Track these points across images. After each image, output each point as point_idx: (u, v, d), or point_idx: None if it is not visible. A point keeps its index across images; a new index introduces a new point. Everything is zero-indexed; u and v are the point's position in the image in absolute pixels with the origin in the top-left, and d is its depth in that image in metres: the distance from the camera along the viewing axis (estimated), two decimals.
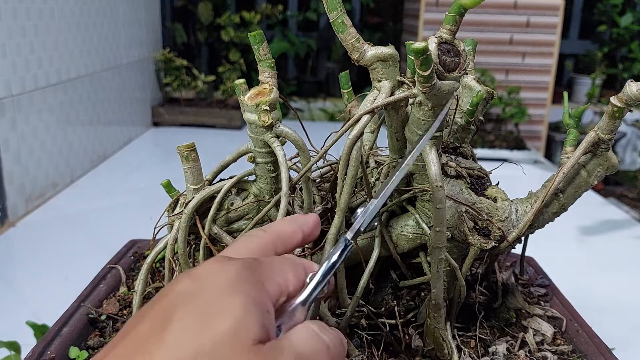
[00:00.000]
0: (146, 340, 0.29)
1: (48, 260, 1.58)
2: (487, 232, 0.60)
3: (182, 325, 0.29)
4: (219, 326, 0.29)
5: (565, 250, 1.80)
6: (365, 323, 0.64)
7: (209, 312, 0.30)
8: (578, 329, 0.69)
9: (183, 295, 0.31)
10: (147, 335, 0.29)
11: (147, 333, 0.30)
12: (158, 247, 0.64)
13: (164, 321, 0.30)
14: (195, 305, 0.30)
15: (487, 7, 2.98)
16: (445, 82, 0.50)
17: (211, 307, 0.30)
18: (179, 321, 0.30)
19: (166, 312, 0.30)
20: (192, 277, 0.32)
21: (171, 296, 0.32)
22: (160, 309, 0.31)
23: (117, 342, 0.30)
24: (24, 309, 1.33)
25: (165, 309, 0.31)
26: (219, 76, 3.40)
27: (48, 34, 2.04)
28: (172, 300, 0.31)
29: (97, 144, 2.49)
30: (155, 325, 0.30)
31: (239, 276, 0.32)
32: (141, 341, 0.29)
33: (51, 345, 0.63)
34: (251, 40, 0.57)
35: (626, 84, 0.55)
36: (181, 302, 0.31)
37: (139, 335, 0.30)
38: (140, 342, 0.29)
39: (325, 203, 0.68)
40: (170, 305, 0.31)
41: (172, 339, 0.29)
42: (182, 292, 0.32)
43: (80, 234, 1.76)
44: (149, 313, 0.31)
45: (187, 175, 0.62)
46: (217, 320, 0.30)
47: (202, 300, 0.31)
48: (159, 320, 0.30)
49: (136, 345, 0.29)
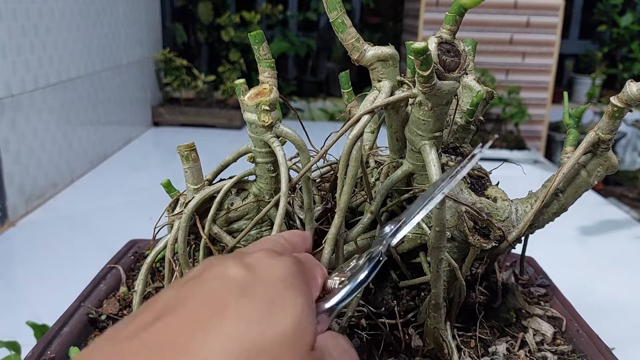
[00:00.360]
0: (196, 326, 0.26)
1: (48, 260, 1.58)
2: (487, 232, 0.60)
3: (239, 316, 0.27)
4: (280, 324, 0.27)
5: (565, 250, 1.80)
6: (365, 323, 0.64)
7: (269, 307, 0.28)
8: (578, 329, 0.69)
9: (238, 284, 0.29)
10: (196, 321, 0.26)
11: (196, 318, 0.27)
12: (158, 247, 0.64)
13: (218, 309, 0.27)
14: (255, 297, 0.28)
15: (487, 7, 2.98)
16: (445, 82, 0.50)
17: (272, 302, 0.28)
18: (236, 312, 0.27)
19: (218, 298, 0.28)
20: (245, 265, 0.30)
21: (220, 282, 0.29)
22: (208, 294, 0.28)
23: (151, 322, 0.27)
24: (24, 309, 1.33)
25: (216, 295, 0.28)
26: (219, 76, 3.40)
27: (48, 34, 2.04)
28: (223, 286, 0.28)
29: (97, 144, 2.49)
30: (206, 312, 0.27)
31: (294, 273, 0.31)
32: (188, 327, 0.26)
33: (51, 345, 0.63)
34: (251, 40, 0.57)
35: (626, 84, 0.55)
36: (237, 291, 0.28)
37: (183, 320, 0.27)
38: (187, 328, 0.26)
39: (325, 203, 0.68)
40: (223, 291, 0.28)
41: (228, 330, 0.26)
42: (236, 279, 0.29)
43: (80, 234, 1.76)
44: (192, 295, 0.28)
45: (187, 175, 0.62)
46: (278, 318, 0.27)
47: (261, 293, 0.28)
48: (209, 307, 0.27)
49: (181, 331, 0.26)
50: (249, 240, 0.65)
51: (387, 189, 0.60)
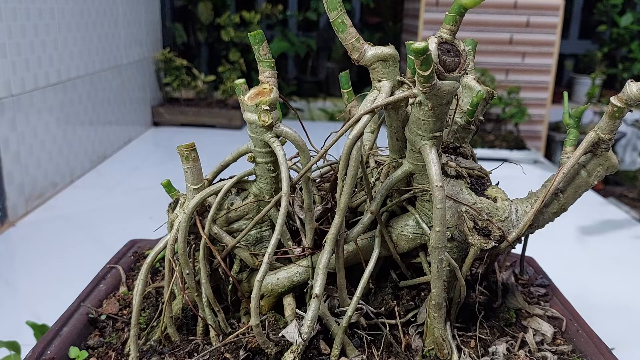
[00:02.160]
0: None
1: (48, 260, 1.58)
2: (487, 232, 0.60)
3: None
4: None
5: (565, 250, 1.80)
6: (365, 323, 0.64)
7: None
8: (578, 329, 0.69)
9: None
10: None
11: None
12: (158, 246, 0.64)
13: None
14: None
15: (487, 7, 2.98)
16: (445, 82, 0.50)
17: None
18: None
19: None
20: None
21: None
22: None
23: None
24: (24, 309, 1.33)
25: None
26: (219, 76, 3.40)
27: (48, 34, 2.04)
28: None
29: (97, 144, 2.49)
30: None
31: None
32: None
33: (51, 345, 0.63)
34: (251, 40, 0.57)
35: (626, 84, 0.55)
36: None
37: None
38: None
39: (325, 203, 0.68)
40: None
41: None
42: None
43: (80, 234, 1.76)
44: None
45: (187, 175, 0.62)
46: None
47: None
48: None
49: None
50: (249, 240, 0.65)
51: (387, 189, 0.60)
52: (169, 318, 0.65)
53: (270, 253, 0.55)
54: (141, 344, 0.65)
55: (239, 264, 0.67)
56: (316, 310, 0.56)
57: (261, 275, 0.55)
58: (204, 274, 0.62)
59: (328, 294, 0.63)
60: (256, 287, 0.55)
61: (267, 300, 0.64)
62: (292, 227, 0.68)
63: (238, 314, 0.68)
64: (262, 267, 0.55)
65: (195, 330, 0.66)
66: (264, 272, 0.55)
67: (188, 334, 0.66)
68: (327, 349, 0.60)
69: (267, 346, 0.58)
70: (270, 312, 0.63)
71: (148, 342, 0.65)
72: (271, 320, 0.61)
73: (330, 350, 0.60)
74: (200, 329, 0.65)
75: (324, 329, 0.61)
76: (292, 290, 0.64)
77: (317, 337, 0.60)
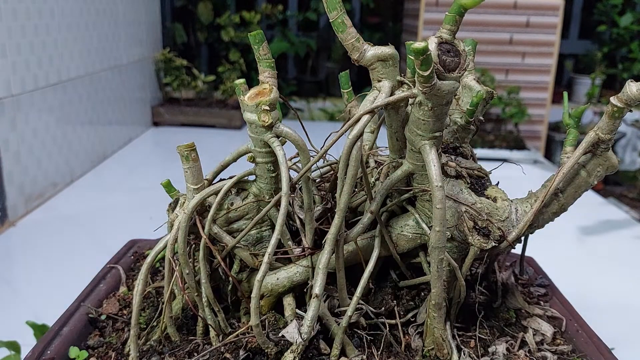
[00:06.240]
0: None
1: (48, 260, 1.58)
2: (487, 232, 0.60)
3: None
4: None
5: (565, 250, 1.80)
6: (365, 323, 0.64)
7: None
8: (578, 329, 0.69)
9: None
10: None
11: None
12: (158, 246, 0.64)
13: None
14: None
15: (487, 7, 2.98)
16: (445, 82, 0.50)
17: None
18: None
19: None
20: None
21: None
22: None
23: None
24: (24, 309, 1.33)
25: None
26: (219, 76, 3.40)
27: (48, 34, 2.04)
28: None
29: (97, 144, 2.49)
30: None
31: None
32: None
33: (51, 345, 0.63)
34: (251, 40, 0.57)
35: (626, 84, 0.55)
36: None
37: None
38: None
39: (325, 203, 0.69)
40: None
41: None
42: None
43: (80, 234, 1.76)
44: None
45: (187, 175, 0.62)
46: None
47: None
48: None
49: None
50: (249, 240, 0.65)
51: (387, 189, 0.60)
52: (169, 318, 0.65)
53: (270, 253, 0.56)
54: (141, 344, 0.65)
55: (239, 264, 0.67)
56: (316, 310, 0.56)
57: (261, 275, 0.55)
58: (204, 274, 0.62)
59: (328, 294, 0.63)
60: (256, 287, 0.55)
61: (267, 300, 0.64)
62: (292, 227, 0.68)
63: (238, 314, 0.68)
64: (262, 267, 0.55)
65: (195, 330, 0.66)
66: (264, 272, 0.55)
67: (188, 334, 0.66)
68: (327, 349, 0.60)
69: (267, 346, 0.58)
70: (270, 312, 0.63)
71: (148, 342, 0.65)
72: (271, 320, 0.61)
73: (330, 350, 0.60)
74: (200, 329, 0.65)
75: (324, 329, 0.61)
76: (292, 290, 0.64)
77: (317, 337, 0.60)
